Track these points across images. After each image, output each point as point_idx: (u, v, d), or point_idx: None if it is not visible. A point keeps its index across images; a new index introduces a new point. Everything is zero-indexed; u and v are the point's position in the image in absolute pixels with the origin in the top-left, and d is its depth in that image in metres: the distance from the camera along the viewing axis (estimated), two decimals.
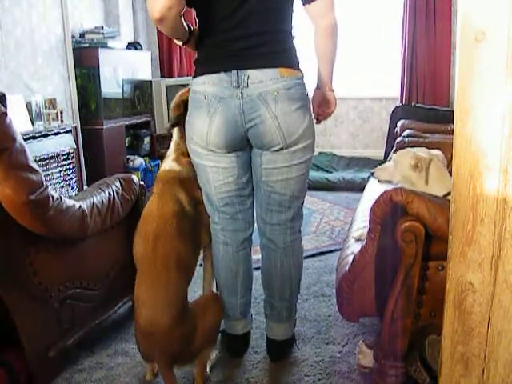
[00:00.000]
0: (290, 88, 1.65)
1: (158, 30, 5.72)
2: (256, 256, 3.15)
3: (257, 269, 2.93)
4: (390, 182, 2.10)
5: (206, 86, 1.69)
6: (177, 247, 1.73)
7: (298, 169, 1.77)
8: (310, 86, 1.81)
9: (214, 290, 2.10)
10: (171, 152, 1.92)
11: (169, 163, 1.90)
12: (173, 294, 1.69)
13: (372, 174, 2.18)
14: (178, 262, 1.71)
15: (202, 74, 1.71)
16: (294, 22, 1.72)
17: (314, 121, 1.86)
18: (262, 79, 1.63)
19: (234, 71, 1.64)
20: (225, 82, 1.65)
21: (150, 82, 5.31)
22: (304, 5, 1.66)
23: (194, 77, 1.75)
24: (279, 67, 1.64)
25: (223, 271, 1.97)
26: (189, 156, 1.85)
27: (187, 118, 1.79)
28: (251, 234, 1.99)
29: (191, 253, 1.81)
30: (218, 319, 1.87)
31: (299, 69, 1.72)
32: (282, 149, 1.71)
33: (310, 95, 1.82)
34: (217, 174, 1.80)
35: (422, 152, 2.05)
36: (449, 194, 1.86)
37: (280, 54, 1.66)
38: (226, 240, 1.93)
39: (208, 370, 1.87)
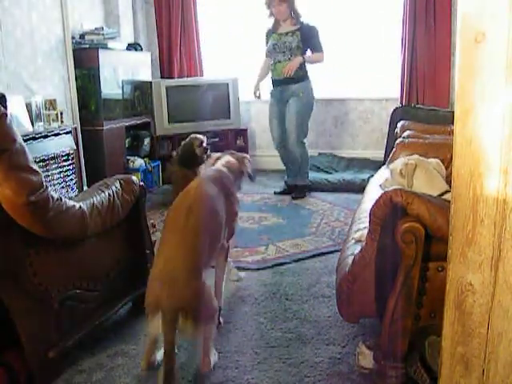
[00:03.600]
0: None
1: (157, 31, 5.73)
2: (254, 257, 3.16)
3: (256, 269, 2.93)
4: None
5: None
6: (207, 221, 1.98)
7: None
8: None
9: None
10: (220, 163, 2.41)
11: (217, 166, 2.38)
12: (194, 254, 1.86)
13: (380, 185, 2.32)
14: (206, 232, 1.94)
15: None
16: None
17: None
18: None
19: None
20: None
21: (150, 82, 5.31)
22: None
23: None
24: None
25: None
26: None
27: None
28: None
29: (219, 232, 2.09)
30: (216, 311, 1.95)
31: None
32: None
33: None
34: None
35: (410, 159, 2.15)
36: (441, 195, 1.91)
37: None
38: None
39: (212, 363, 1.95)
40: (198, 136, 4.43)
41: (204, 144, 4.37)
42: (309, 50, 4.39)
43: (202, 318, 1.82)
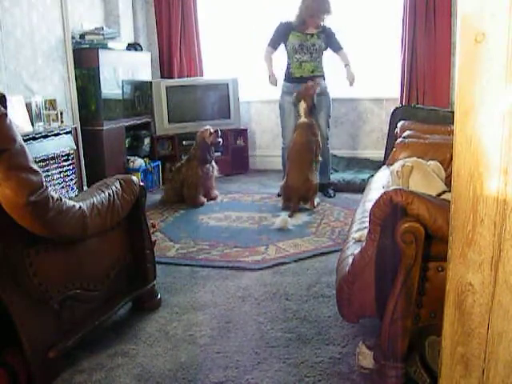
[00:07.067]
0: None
1: (158, 31, 5.73)
2: (254, 257, 3.15)
3: (256, 269, 2.93)
4: None
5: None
6: (309, 153, 4.13)
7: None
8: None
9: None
10: (303, 116, 4.19)
11: (303, 119, 4.19)
12: (306, 171, 4.06)
13: (383, 187, 2.34)
14: (310, 159, 4.12)
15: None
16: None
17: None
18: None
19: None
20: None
21: (150, 82, 5.32)
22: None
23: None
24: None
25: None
26: (309, 116, 4.22)
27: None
28: None
29: (314, 155, 4.16)
30: (317, 190, 4.19)
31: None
32: None
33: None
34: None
35: (407, 161, 2.17)
36: (439, 195, 1.94)
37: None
38: None
39: (315, 204, 4.14)
40: (204, 128, 4.48)
41: (212, 130, 4.42)
42: (328, 48, 4.55)
43: (311, 196, 4.09)
